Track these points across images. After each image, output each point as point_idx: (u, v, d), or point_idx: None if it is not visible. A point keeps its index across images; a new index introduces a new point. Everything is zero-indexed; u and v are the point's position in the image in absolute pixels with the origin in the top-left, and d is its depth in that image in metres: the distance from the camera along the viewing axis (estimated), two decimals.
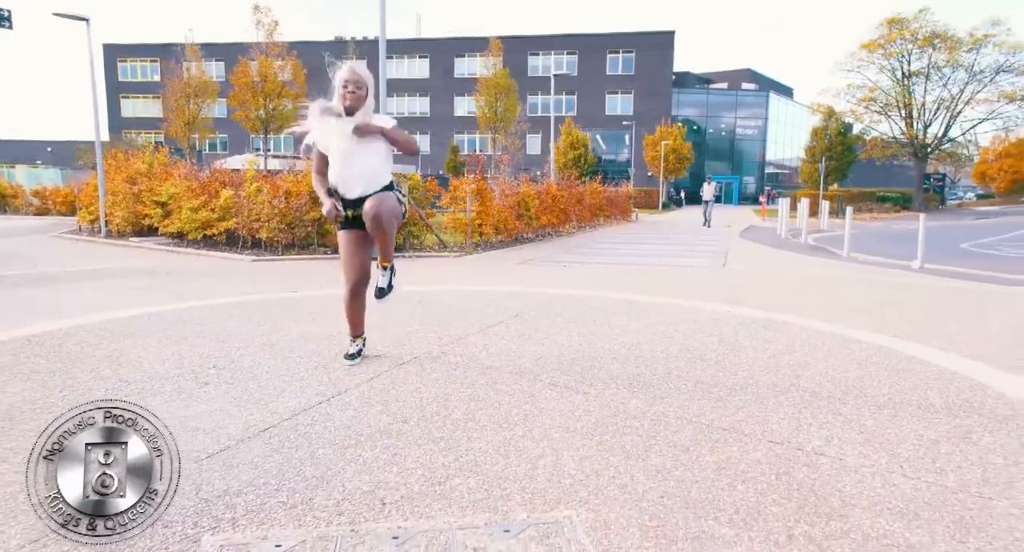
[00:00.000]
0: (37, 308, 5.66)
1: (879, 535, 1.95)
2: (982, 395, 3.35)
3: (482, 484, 2.28)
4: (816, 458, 2.52)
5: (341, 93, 3.35)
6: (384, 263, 3.73)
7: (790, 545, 1.90)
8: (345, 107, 3.37)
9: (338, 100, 3.39)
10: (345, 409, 3.04)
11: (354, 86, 3.34)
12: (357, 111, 3.36)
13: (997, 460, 2.51)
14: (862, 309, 5.98)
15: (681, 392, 3.35)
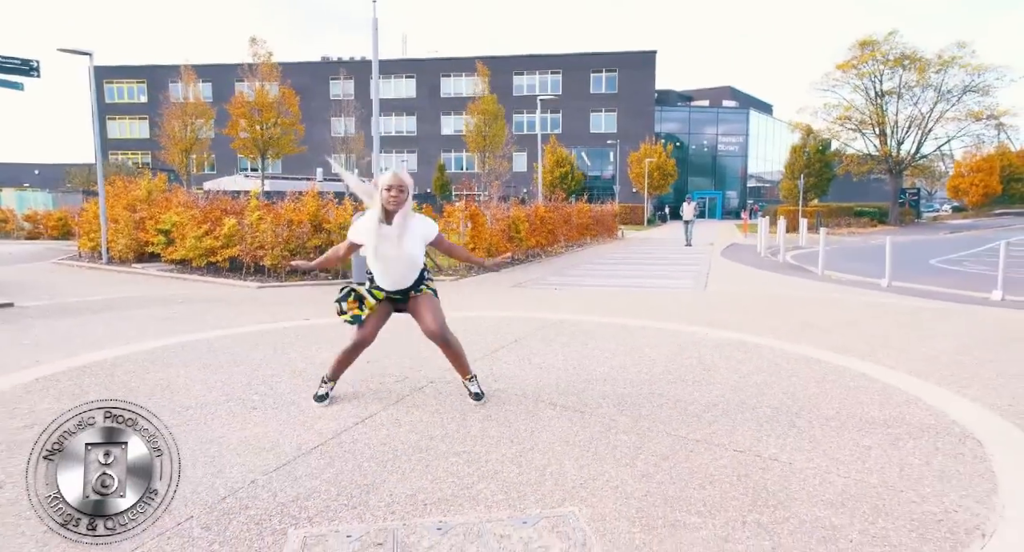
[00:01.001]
0: (74, 339, 6.14)
1: (812, 520, 2.54)
2: (914, 408, 3.97)
3: (502, 487, 2.84)
4: (770, 463, 3.11)
5: (385, 197, 3.66)
6: (466, 375, 4.10)
7: (743, 529, 2.48)
8: (388, 210, 3.67)
9: (378, 202, 3.67)
10: (378, 429, 3.59)
11: (397, 190, 3.66)
12: (398, 213, 3.66)
13: (914, 461, 3.11)
14: (827, 329, 6.62)
15: (663, 410, 3.93)
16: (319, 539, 2.41)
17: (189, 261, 12.77)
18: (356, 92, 56.45)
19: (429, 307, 3.89)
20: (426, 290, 3.95)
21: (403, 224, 3.67)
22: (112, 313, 7.79)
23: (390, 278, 3.86)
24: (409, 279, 3.88)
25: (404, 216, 3.68)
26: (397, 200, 3.66)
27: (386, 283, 3.89)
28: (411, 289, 3.93)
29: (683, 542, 2.38)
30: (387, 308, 4.00)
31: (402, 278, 3.85)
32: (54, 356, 5.36)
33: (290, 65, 57.23)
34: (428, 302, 3.91)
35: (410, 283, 3.89)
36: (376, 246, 3.69)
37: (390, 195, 3.66)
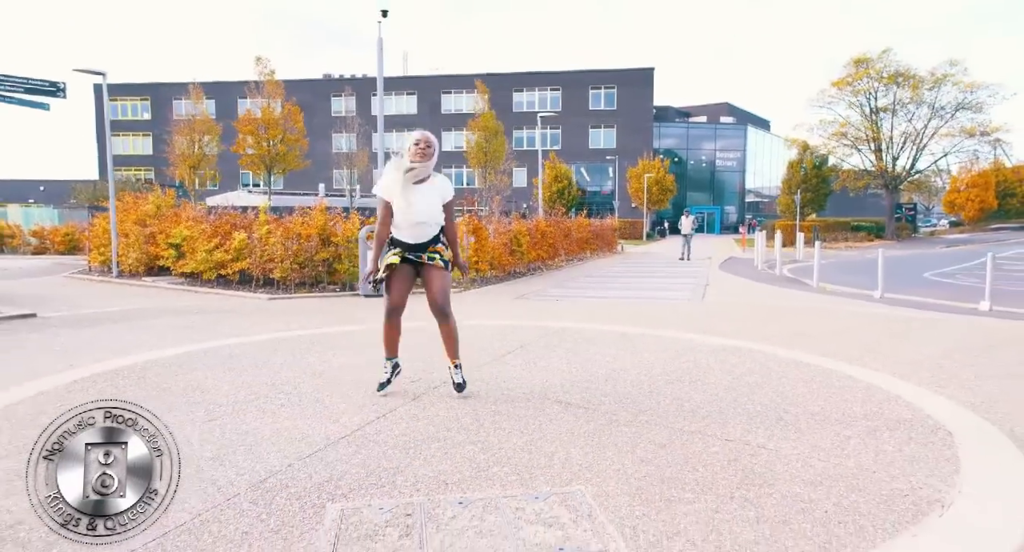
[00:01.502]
0: (100, 346, 6.45)
1: (792, 494, 2.84)
2: (894, 404, 4.28)
3: (514, 470, 3.14)
4: (758, 450, 3.41)
5: (413, 150, 4.04)
6: (453, 360, 4.40)
7: (731, 502, 2.78)
8: (413, 161, 4.01)
9: (407, 156, 4.07)
10: (398, 422, 3.89)
11: (424, 144, 4.05)
12: (420, 165, 4.03)
13: (888, 448, 3.42)
14: (819, 336, 6.94)
15: (660, 406, 4.24)
16: (355, 511, 2.71)
17: (199, 274, 13.09)
18: (358, 108, 57.17)
19: (439, 278, 4.24)
20: (439, 260, 4.25)
21: (432, 180, 4.08)
22: (131, 323, 8.10)
23: (410, 230, 4.14)
24: (428, 233, 4.18)
25: (429, 170, 4.05)
26: (424, 153, 4.03)
27: (406, 235, 4.17)
28: (429, 244, 4.21)
29: (677, 513, 2.69)
30: (408, 273, 4.30)
31: (422, 230, 4.15)
32: (84, 361, 5.66)
33: (292, 82, 58.05)
34: (439, 275, 4.25)
35: (428, 237, 4.19)
36: (407, 199, 4.02)
37: (417, 148, 4.05)
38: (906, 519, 2.62)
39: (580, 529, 2.56)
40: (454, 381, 4.47)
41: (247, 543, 2.45)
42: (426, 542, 2.45)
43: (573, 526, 2.58)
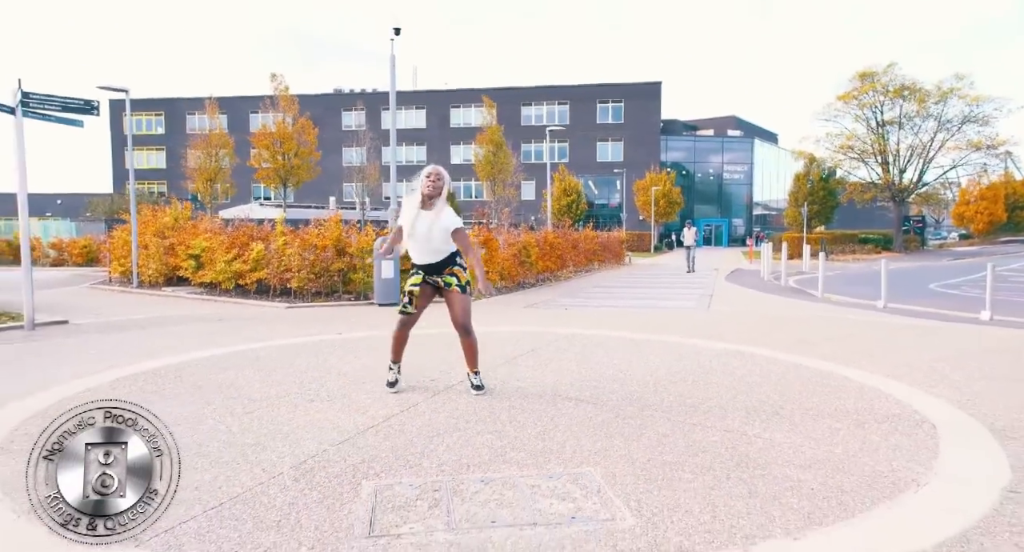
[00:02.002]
0: (132, 350, 6.80)
1: (783, 476, 3.13)
2: (884, 401, 4.55)
3: (529, 455, 3.44)
4: (754, 439, 3.70)
5: (424, 183, 4.48)
6: (472, 368, 4.77)
7: (727, 483, 3.07)
8: (425, 194, 4.48)
9: (419, 188, 4.51)
10: (420, 415, 4.20)
11: (435, 177, 4.49)
12: (435, 199, 4.47)
13: (874, 438, 3.70)
14: (819, 342, 7.20)
15: (664, 401, 4.53)
16: (387, 487, 3.02)
17: (218, 284, 13.48)
18: (368, 122, 57.94)
19: (459, 302, 4.63)
20: (455, 285, 4.61)
21: (439, 210, 4.47)
22: (158, 329, 8.46)
23: (420, 253, 4.57)
24: (436, 257, 4.57)
25: (440, 205, 4.47)
26: (434, 186, 4.47)
27: (417, 257, 4.61)
28: (441, 267, 4.60)
29: (678, 490, 2.98)
30: (428, 292, 4.70)
31: (430, 255, 4.56)
32: (121, 363, 6.01)
33: (303, 97, 58.98)
34: (459, 298, 4.63)
35: (438, 260, 4.58)
36: (412, 224, 4.47)
37: (428, 181, 4.49)
38: (884, 495, 2.90)
39: (590, 502, 2.85)
40: (472, 383, 4.79)
41: (295, 511, 2.76)
42: (453, 511, 2.75)
43: (584, 500, 2.88)
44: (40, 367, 5.84)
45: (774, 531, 2.56)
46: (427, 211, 4.50)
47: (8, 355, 6.53)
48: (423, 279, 4.66)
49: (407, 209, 4.58)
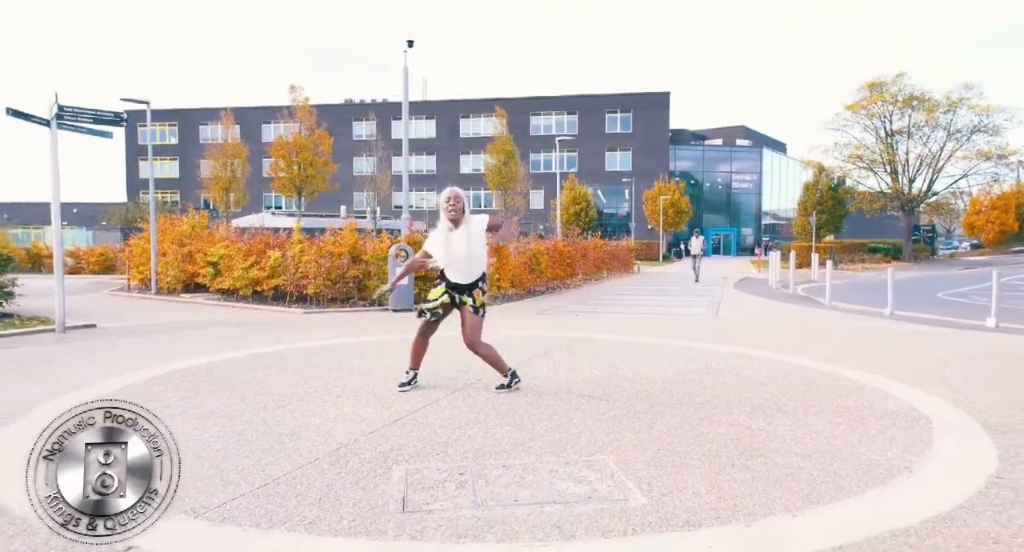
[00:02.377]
0: (160, 351, 7.09)
1: (784, 463, 3.35)
2: (884, 399, 4.76)
3: (547, 445, 3.68)
4: (758, 432, 3.92)
5: (444, 207, 4.71)
6: (503, 373, 5.02)
7: (732, 469, 3.29)
8: (451, 218, 4.70)
9: (443, 215, 4.73)
10: (443, 410, 4.45)
11: (453, 200, 4.70)
12: (460, 218, 4.70)
13: (872, 432, 3.91)
14: (824, 346, 7.40)
15: (672, 398, 4.75)
16: (416, 471, 3.27)
17: (235, 291, 13.80)
18: (379, 132, 58.58)
19: (471, 321, 4.89)
20: (470, 306, 4.87)
21: (467, 227, 4.69)
22: (181, 332, 8.76)
23: (458, 272, 4.80)
24: (474, 273, 4.83)
25: (466, 221, 4.70)
26: (454, 208, 4.70)
27: (454, 276, 4.82)
28: (470, 287, 4.85)
29: (686, 474, 3.21)
30: (449, 305, 4.95)
31: (469, 271, 4.80)
32: (152, 363, 6.29)
33: (315, 107, 59.76)
34: (470, 318, 4.89)
35: (475, 277, 4.84)
36: (446, 249, 4.70)
37: (448, 206, 4.72)
38: (878, 480, 3.12)
39: (604, 485, 3.09)
40: (501, 383, 5.04)
41: (333, 490, 3.01)
42: (479, 492, 2.99)
43: (599, 483, 3.11)
44: (75, 367, 6.13)
45: (775, 509, 2.79)
46: (457, 230, 4.71)
47: (43, 356, 6.83)
48: (445, 291, 4.89)
49: (437, 238, 4.76)
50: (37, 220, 49.91)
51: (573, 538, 2.53)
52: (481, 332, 4.96)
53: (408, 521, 2.69)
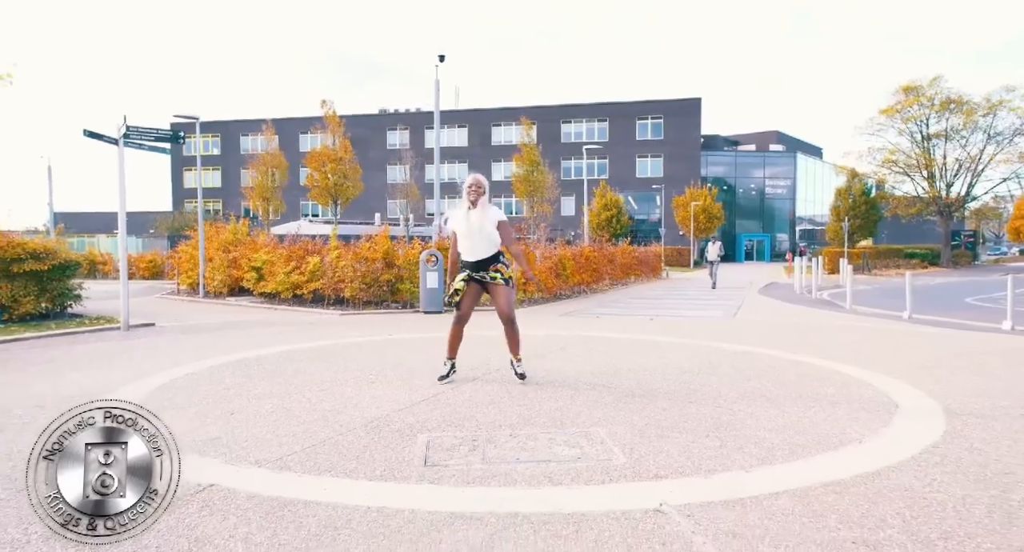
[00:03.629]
0: (215, 346, 7.89)
1: (752, 436, 3.89)
2: (864, 390, 5.22)
3: (550, 420, 4.28)
4: (738, 413, 4.45)
5: (467, 191, 5.31)
6: (516, 355, 5.51)
7: (705, 439, 3.84)
8: (471, 200, 5.29)
9: (465, 196, 5.34)
10: (463, 393, 5.08)
11: (476, 186, 5.31)
12: (479, 202, 5.27)
13: (840, 414, 4.41)
14: (827, 345, 7.82)
15: (669, 387, 5.30)
16: (437, 438, 3.90)
17: (278, 294, 14.70)
18: (411, 141, 59.91)
19: (504, 294, 5.39)
20: (499, 279, 5.38)
21: (483, 211, 5.28)
22: (232, 331, 9.59)
23: (472, 251, 5.31)
24: (486, 252, 5.32)
25: (483, 205, 5.29)
26: (475, 192, 5.29)
27: (468, 255, 5.34)
28: (489, 264, 5.33)
29: (665, 443, 3.77)
30: (476, 291, 5.45)
31: (482, 251, 5.30)
32: (209, 355, 7.08)
33: (350, 117, 61.41)
34: (502, 291, 5.40)
35: (487, 256, 5.32)
36: (464, 223, 5.27)
37: (469, 190, 5.32)
38: (829, 448, 3.64)
39: (594, 449, 3.67)
40: (516, 372, 5.57)
41: (368, 450, 3.66)
42: (487, 453, 3.61)
43: (589, 447, 3.70)
44: (144, 358, 6.95)
45: (732, 467, 3.34)
46: (475, 211, 5.30)
47: (114, 350, 7.69)
48: (469, 276, 5.40)
49: (456, 216, 5.37)
50: (91, 229, 52.46)
51: (560, 485, 3.13)
52: (514, 304, 5.46)
53: (428, 472, 3.32)
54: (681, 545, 2.49)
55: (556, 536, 2.57)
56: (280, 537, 2.55)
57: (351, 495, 2.99)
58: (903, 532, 2.58)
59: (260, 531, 2.60)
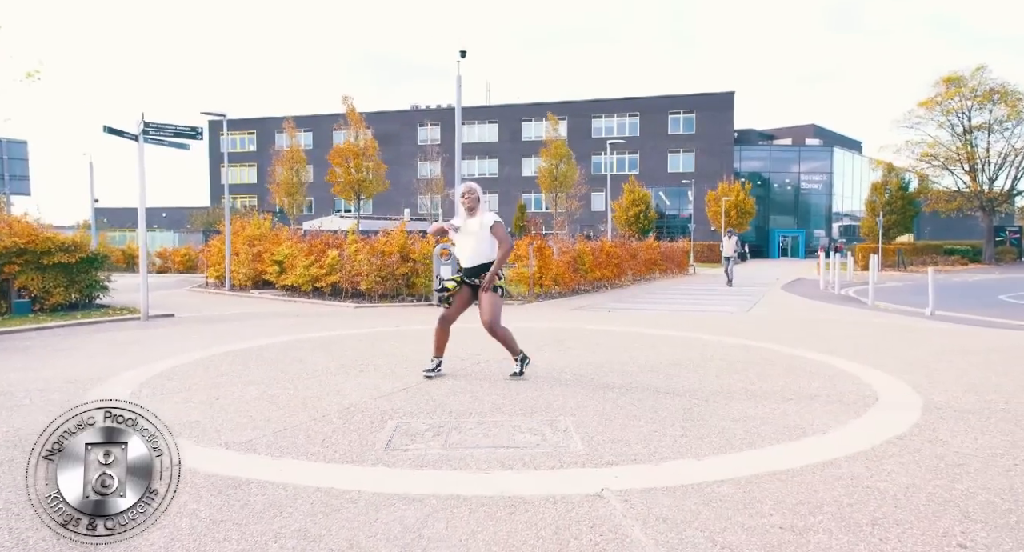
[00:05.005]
0: (228, 335, 8.14)
1: (717, 427, 3.89)
2: (849, 383, 5.16)
3: (521, 409, 4.34)
4: (711, 405, 4.45)
5: (462, 201, 5.43)
6: (515, 356, 5.52)
7: (669, 428, 3.86)
8: (467, 207, 5.41)
9: (460, 204, 5.48)
10: (444, 384, 5.18)
11: (468, 194, 5.43)
12: (475, 209, 5.39)
13: (816, 407, 4.37)
14: (830, 340, 7.69)
15: (652, 381, 5.31)
16: (406, 424, 4.00)
17: (298, 287, 15.03)
18: (442, 137, 60.29)
19: (490, 302, 5.45)
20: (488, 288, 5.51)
21: (481, 213, 5.40)
22: (245, 322, 9.87)
23: (467, 254, 5.40)
24: (480, 257, 5.38)
25: (480, 211, 5.40)
26: (469, 200, 5.41)
27: (464, 260, 5.43)
28: (482, 270, 5.39)
29: (627, 432, 3.80)
30: (467, 295, 5.52)
31: (475, 255, 5.38)
32: (216, 344, 7.32)
33: (382, 114, 62.07)
34: (490, 299, 5.46)
35: (480, 261, 5.38)
36: (464, 228, 5.39)
37: (463, 199, 5.46)
38: (790, 438, 3.63)
39: (556, 437, 3.73)
40: (514, 371, 5.60)
41: (336, 435, 3.78)
42: (449, 438, 3.70)
43: (552, 436, 3.76)
44: (154, 347, 7.23)
45: (686, 455, 3.37)
46: (472, 218, 5.42)
47: (129, 338, 8.00)
48: (462, 279, 5.51)
49: (458, 221, 5.50)
50: (132, 223, 54.24)
51: (510, 469, 3.20)
52: (500, 314, 5.53)
53: (387, 456, 3.42)
54: (609, 527, 2.54)
55: (490, 517, 2.64)
56: (225, 514, 2.68)
57: (305, 476, 3.11)
58: (834, 518, 2.59)
59: (207, 508, 2.74)
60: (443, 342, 5.67)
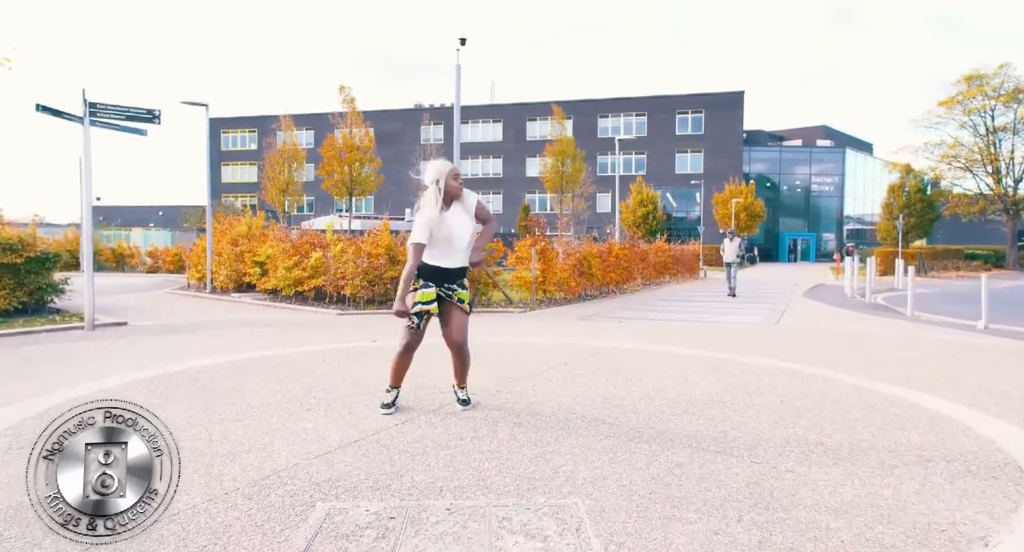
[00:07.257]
0: (166, 353, 6.86)
1: (808, 521, 2.57)
2: (959, 435, 3.82)
3: (515, 481, 3.03)
4: (785, 475, 3.13)
5: (453, 185, 4.07)
6: (461, 385, 4.43)
7: (738, 525, 2.54)
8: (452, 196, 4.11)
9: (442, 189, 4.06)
10: (415, 430, 3.87)
11: (457, 175, 4.14)
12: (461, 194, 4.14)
13: (938, 480, 3.03)
14: (893, 363, 6.35)
15: (690, 425, 3.99)
16: (341, 511, 2.70)
17: (280, 291, 13.75)
18: (445, 136, 59.04)
19: (460, 318, 4.23)
20: (466, 301, 4.26)
21: (462, 203, 4.13)
22: (207, 332, 8.58)
23: (453, 257, 4.14)
24: (469, 251, 4.20)
25: (465, 194, 4.14)
26: (461, 185, 4.15)
27: (452, 260, 4.15)
28: (462, 272, 4.21)
29: (672, 533, 2.49)
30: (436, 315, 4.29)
31: (463, 254, 4.16)
32: (149, 364, 6.03)
33: (386, 112, 60.82)
34: (459, 314, 4.24)
35: (465, 263, 4.21)
36: (448, 227, 4.06)
37: (457, 182, 4.12)
38: None
39: (563, 542, 2.42)
40: (459, 398, 4.43)
41: (228, 534, 2.47)
42: (399, 546, 2.39)
43: (557, 539, 2.44)
44: (69, 368, 5.94)
45: None
46: (452, 208, 4.12)
47: (53, 355, 6.72)
48: (434, 290, 4.19)
49: (427, 221, 4.03)
50: (129, 222, 53.13)
51: None
52: (467, 332, 4.32)
53: None
54: None
55: None
56: None
57: None
58: None
59: None
60: (404, 370, 4.42)
